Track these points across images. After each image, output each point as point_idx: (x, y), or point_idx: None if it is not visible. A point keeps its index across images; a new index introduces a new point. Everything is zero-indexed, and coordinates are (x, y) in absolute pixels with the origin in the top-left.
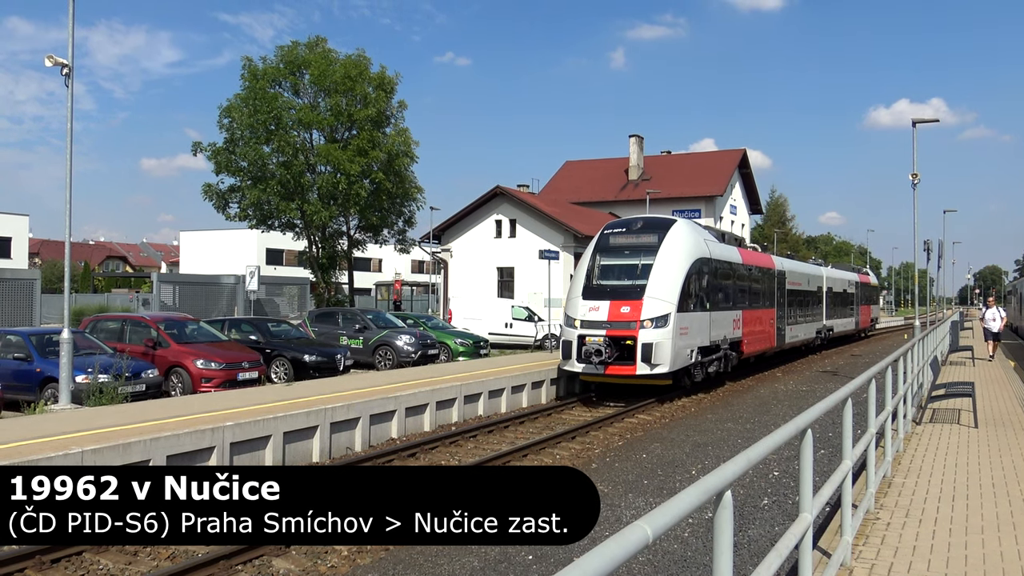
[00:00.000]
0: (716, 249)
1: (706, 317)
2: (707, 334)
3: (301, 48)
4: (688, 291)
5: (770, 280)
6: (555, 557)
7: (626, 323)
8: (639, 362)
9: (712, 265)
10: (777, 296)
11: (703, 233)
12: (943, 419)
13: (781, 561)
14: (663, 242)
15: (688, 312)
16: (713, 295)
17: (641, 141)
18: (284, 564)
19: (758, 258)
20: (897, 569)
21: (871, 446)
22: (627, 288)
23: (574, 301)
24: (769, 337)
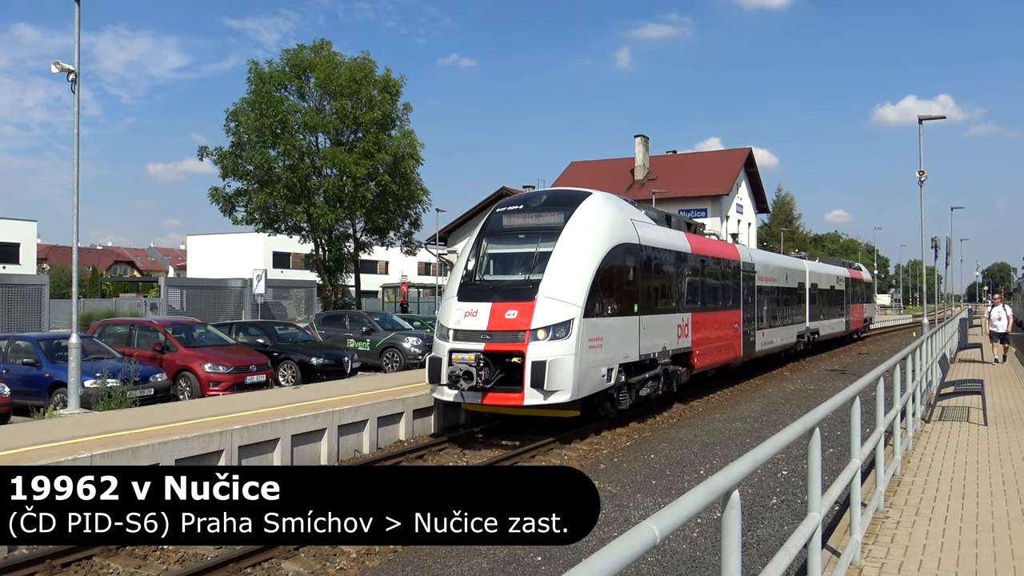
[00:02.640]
0: (650, 233)
1: (632, 323)
2: (635, 345)
3: (306, 52)
4: (603, 288)
5: (734, 275)
6: (563, 558)
7: (511, 333)
8: (527, 387)
9: (643, 254)
10: (744, 294)
11: (630, 211)
12: (952, 417)
13: (790, 560)
14: (568, 223)
15: (603, 317)
16: (645, 294)
17: (646, 141)
18: (293, 566)
19: (716, 247)
20: (907, 568)
21: (880, 444)
22: (515, 285)
23: (447, 304)
24: (732, 345)
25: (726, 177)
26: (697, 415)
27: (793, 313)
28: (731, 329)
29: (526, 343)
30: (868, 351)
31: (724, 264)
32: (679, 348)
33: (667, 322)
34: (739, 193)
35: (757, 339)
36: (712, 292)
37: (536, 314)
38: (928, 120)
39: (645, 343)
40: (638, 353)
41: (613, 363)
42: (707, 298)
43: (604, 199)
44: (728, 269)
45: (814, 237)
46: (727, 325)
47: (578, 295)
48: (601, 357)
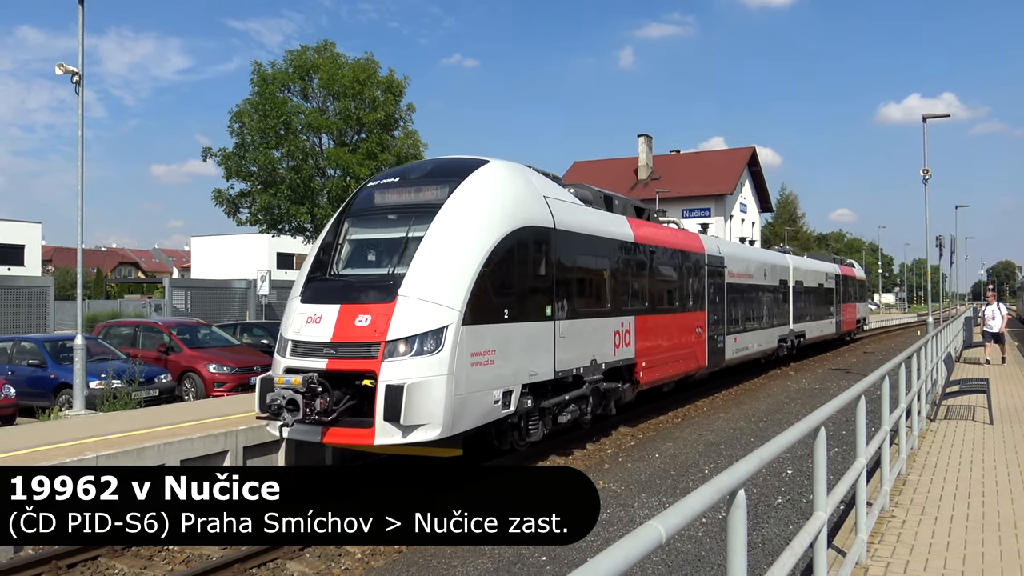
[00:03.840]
0: (571, 216)
1: (543, 331)
2: (548, 359)
3: (310, 52)
4: (496, 285)
5: (696, 270)
6: (568, 557)
7: (362, 346)
8: (379, 420)
9: (562, 241)
10: (711, 293)
11: (545, 187)
12: (958, 416)
13: (796, 560)
14: (450, 199)
15: (496, 323)
16: (564, 292)
17: (650, 140)
18: (298, 567)
19: (670, 236)
20: (913, 567)
21: (885, 443)
22: (372, 282)
23: (289, 306)
24: (693, 353)
25: (730, 176)
26: (702, 414)
27: (773, 314)
28: (692, 335)
29: (379, 360)
30: (873, 350)
31: (682, 257)
32: (618, 360)
33: (598, 328)
34: (743, 192)
35: (727, 345)
36: (666, 290)
37: (395, 320)
38: (932, 118)
39: (564, 356)
40: (553, 369)
41: (513, 383)
42: (659, 298)
43: (504, 168)
44: (688, 263)
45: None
46: (687, 330)
47: (456, 294)
48: (492, 376)
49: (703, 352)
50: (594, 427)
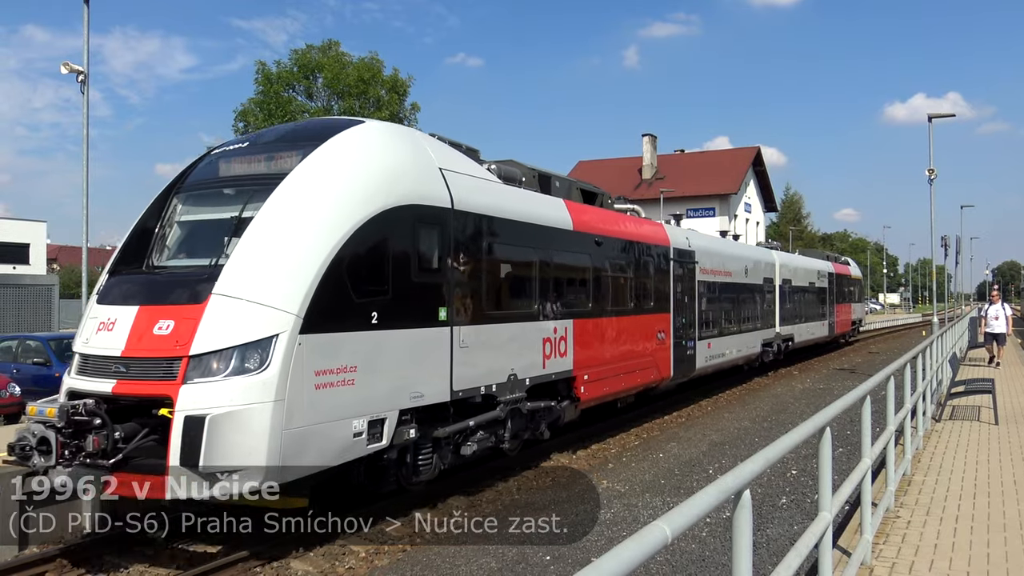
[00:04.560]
0: (475, 195)
1: (435, 339)
2: (442, 374)
3: (314, 52)
4: (358, 280)
5: (659, 266)
6: (572, 558)
7: (160, 362)
8: (173, 465)
9: (460, 224)
10: (678, 292)
11: (443, 157)
12: (963, 416)
13: (801, 560)
14: (298, 169)
15: (357, 330)
16: (467, 290)
17: (654, 140)
18: (302, 566)
19: (622, 225)
20: (918, 568)
21: (890, 444)
22: (184, 276)
23: (87, 307)
24: (654, 362)
25: (734, 176)
26: (706, 414)
27: (756, 316)
28: (652, 340)
29: (179, 380)
30: (878, 350)
31: (641, 250)
32: (549, 374)
33: (519, 335)
34: (747, 192)
35: (699, 352)
36: (617, 289)
37: (203, 327)
38: (938, 118)
39: (467, 370)
40: (449, 388)
41: (385, 409)
42: (607, 297)
43: (382, 132)
44: (648, 258)
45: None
46: (645, 335)
47: (292, 292)
48: (351, 401)
49: (667, 360)
50: (597, 426)
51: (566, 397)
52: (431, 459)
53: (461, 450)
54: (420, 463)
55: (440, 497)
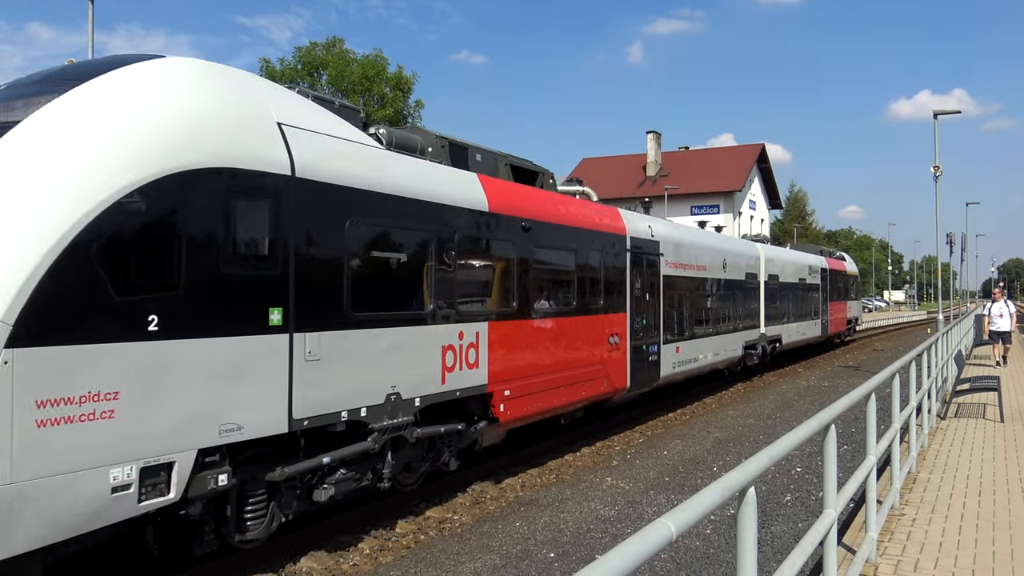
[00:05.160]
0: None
1: (264, 349)
2: (275, 396)
3: (318, 49)
4: (120, 272)
5: (611, 258)
6: (577, 554)
7: None
8: None
9: (305, 199)
10: (636, 289)
11: (277, 109)
12: (968, 414)
13: (806, 558)
14: (33, 117)
15: (121, 340)
16: (319, 285)
17: (659, 137)
18: (307, 563)
19: (560, 209)
20: (923, 565)
21: (895, 441)
22: None
23: None
24: (603, 371)
25: (739, 173)
26: (710, 411)
27: (737, 315)
28: (601, 345)
29: None
30: (883, 347)
31: (586, 239)
32: (453, 390)
33: (403, 343)
34: (752, 189)
35: (665, 357)
36: (552, 285)
37: None
38: (943, 115)
39: (318, 391)
40: (287, 415)
41: (171, 450)
42: (537, 295)
43: (176, 69)
44: (596, 248)
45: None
46: (591, 339)
47: None
48: (106, 441)
49: (622, 368)
50: (600, 424)
51: (482, 417)
52: (265, 509)
53: (315, 494)
54: (248, 516)
55: (443, 494)
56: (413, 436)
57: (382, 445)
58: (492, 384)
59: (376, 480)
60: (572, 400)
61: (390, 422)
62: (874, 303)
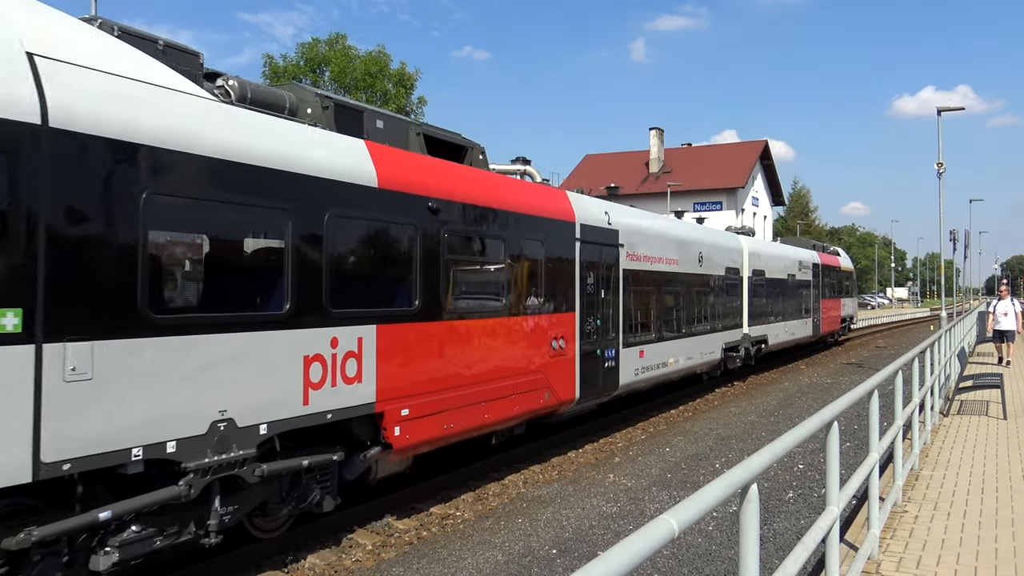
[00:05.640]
0: (102, 102)
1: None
2: (15, 430)
3: (321, 45)
4: None
5: (555, 248)
6: (579, 551)
7: None
8: None
9: (49, 152)
10: (590, 285)
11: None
12: (971, 411)
13: (808, 555)
14: None
15: None
16: (93, 271)
17: (661, 134)
18: (310, 559)
19: (479, 186)
20: (925, 563)
21: (898, 438)
22: None
23: None
24: (544, 380)
25: (742, 170)
26: (712, 408)
27: (716, 314)
28: (541, 351)
29: None
30: (885, 344)
31: (520, 225)
32: (321, 412)
33: (239, 352)
34: (755, 186)
35: (625, 363)
36: (471, 279)
37: None
38: (947, 111)
39: (88, 423)
40: (33, 458)
41: None
42: (448, 291)
43: None
44: (533, 236)
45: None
46: (528, 343)
47: None
48: None
49: (569, 376)
50: (602, 420)
51: (375, 443)
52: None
53: (92, 561)
54: None
55: (445, 491)
56: (256, 474)
57: (204, 488)
58: (383, 402)
59: (201, 534)
60: (500, 417)
61: (216, 459)
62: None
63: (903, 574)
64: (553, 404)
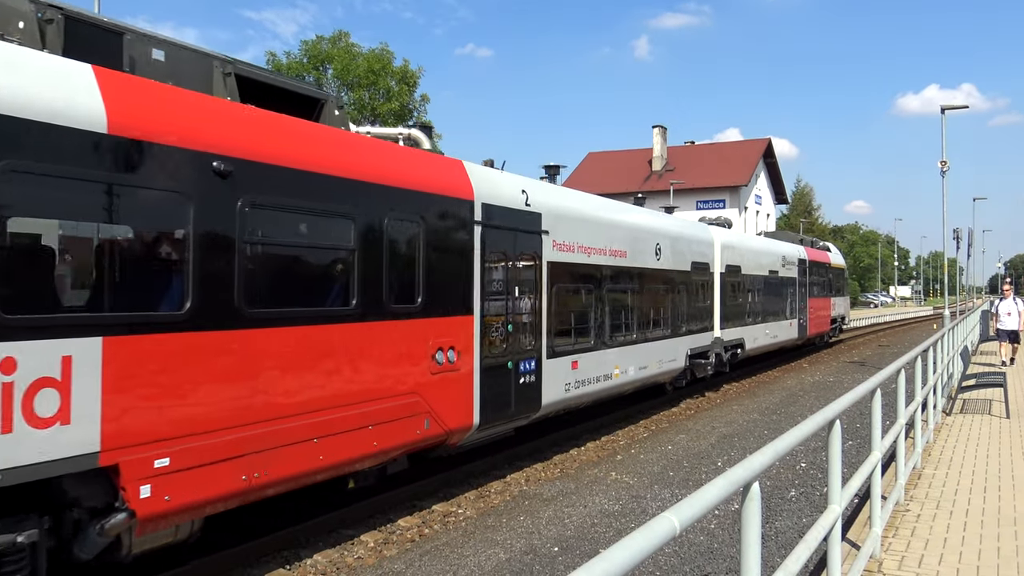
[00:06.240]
0: None
1: None
2: None
3: (324, 43)
4: None
5: (436, 228)
6: (581, 548)
7: None
8: None
9: None
10: (491, 278)
11: None
12: (974, 410)
13: (810, 553)
14: None
15: None
16: None
17: (664, 132)
18: (312, 555)
19: (312, 144)
20: (928, 562)
21: (900, 437)
22: None
23: None
24: (424, 405)
25: (745, 168)
26: (715, 406)
27: (679, 316)
28: (417, 366)
29: None
30: (888, 343)
31: (381, 201)
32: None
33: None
34: (758, 184)
35: (550, 377)
36: (304, 270)
37: None
38: (951, 109)
39: None
40: None
41: None
42: (261, 286)
43: None
44: (402, 216)
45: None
46: (394, 357)
47: None
48: None
49: (462, 397)
50: (604, 418)
51: (114, 508)
52: None
53: None
54: None
55: (447, 488)
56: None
57: None
58: (117, 450)
59: None
60: (345, 458)
61: None
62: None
63: (905, 572)
64: (437, 435)
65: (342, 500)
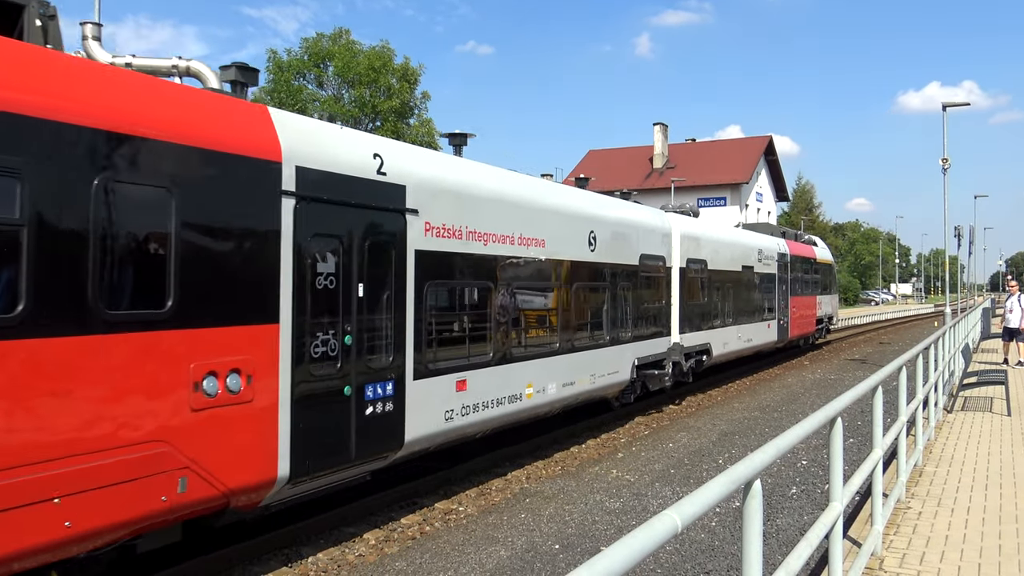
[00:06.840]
0: None
1: None
2: None
3: (325, 40)
4: None
5: (205, 195)
6: (582, 546)
7: None
8: None
9: None
10: (313, 272)
11: None
12: (975, 407)
13: (811, 551)
14: None
15: None
16: None
17: (665, 129)
18: (313, 553)
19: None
20: (929, 559)
21: (902, 434)
22: None
23: None
24: (178, 456)
25: (746, 165)
26: (716, 404)
27: (623, 319)
28: (161, 400)
29: None
30: (889, 340)
31: (83, 152)
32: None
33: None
34: (759, 181)
35: (419, 402)
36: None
37: None
38: (952, 107)
39: None
40: None
41: None
42: None
43: None
44: (129, 178)
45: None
46: (106, 390)
47: None
48: None
49: (256, 440)
50: (605, 416)
51: None
52: None
53: None
54: None
55: (448, 486)
56: None
57: None
58: None
59: None
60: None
61: None
62: (881, 296)
63: (907, 570)
64: (207, 497)
65: (343, 498)
